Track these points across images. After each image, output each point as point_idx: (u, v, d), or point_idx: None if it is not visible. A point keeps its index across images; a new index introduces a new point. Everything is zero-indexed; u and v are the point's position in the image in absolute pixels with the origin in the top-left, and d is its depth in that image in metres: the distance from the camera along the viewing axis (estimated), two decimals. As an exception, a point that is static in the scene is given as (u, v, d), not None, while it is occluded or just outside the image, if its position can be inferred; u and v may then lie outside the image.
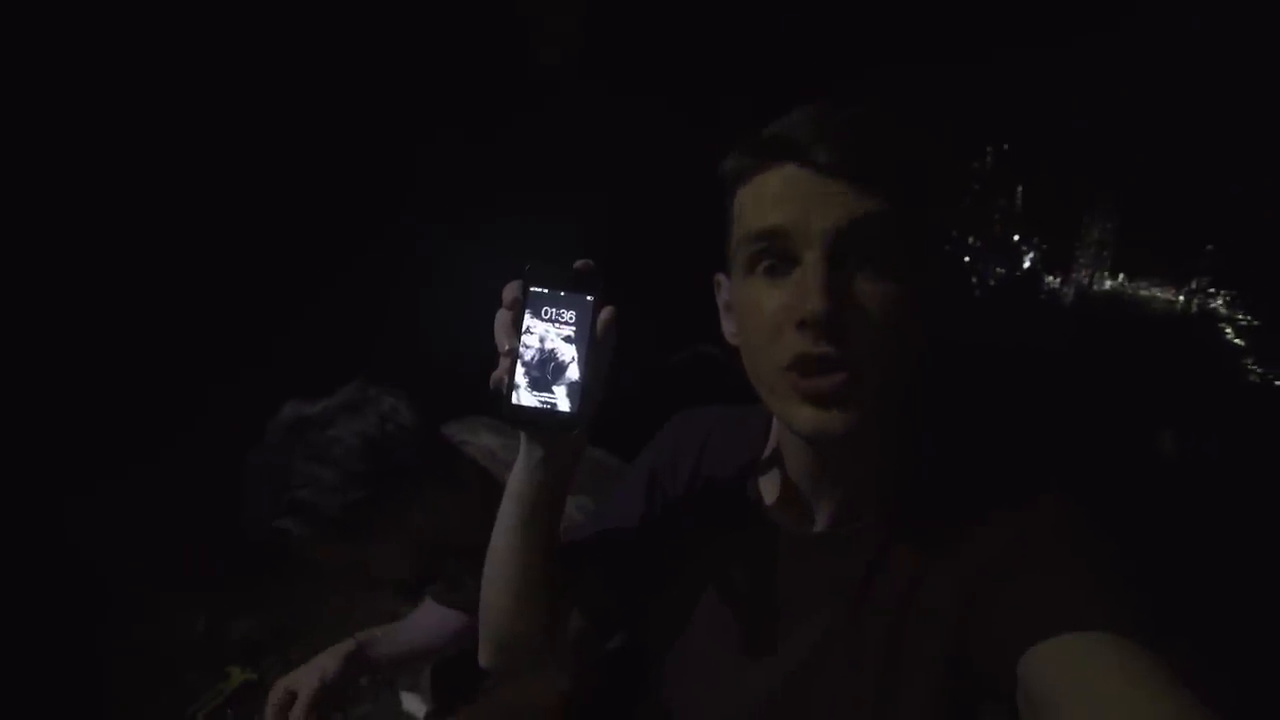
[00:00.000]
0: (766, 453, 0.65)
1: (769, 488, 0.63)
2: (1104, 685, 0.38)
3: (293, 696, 0.93)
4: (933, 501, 0.55)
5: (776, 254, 0.48)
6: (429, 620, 1.14)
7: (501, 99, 2.61)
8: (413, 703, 1.24)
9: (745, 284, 0.51)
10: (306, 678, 0.94)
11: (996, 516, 0.52)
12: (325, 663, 0.96)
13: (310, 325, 2.25)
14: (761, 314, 0.49)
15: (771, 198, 0.48)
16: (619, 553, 0.67)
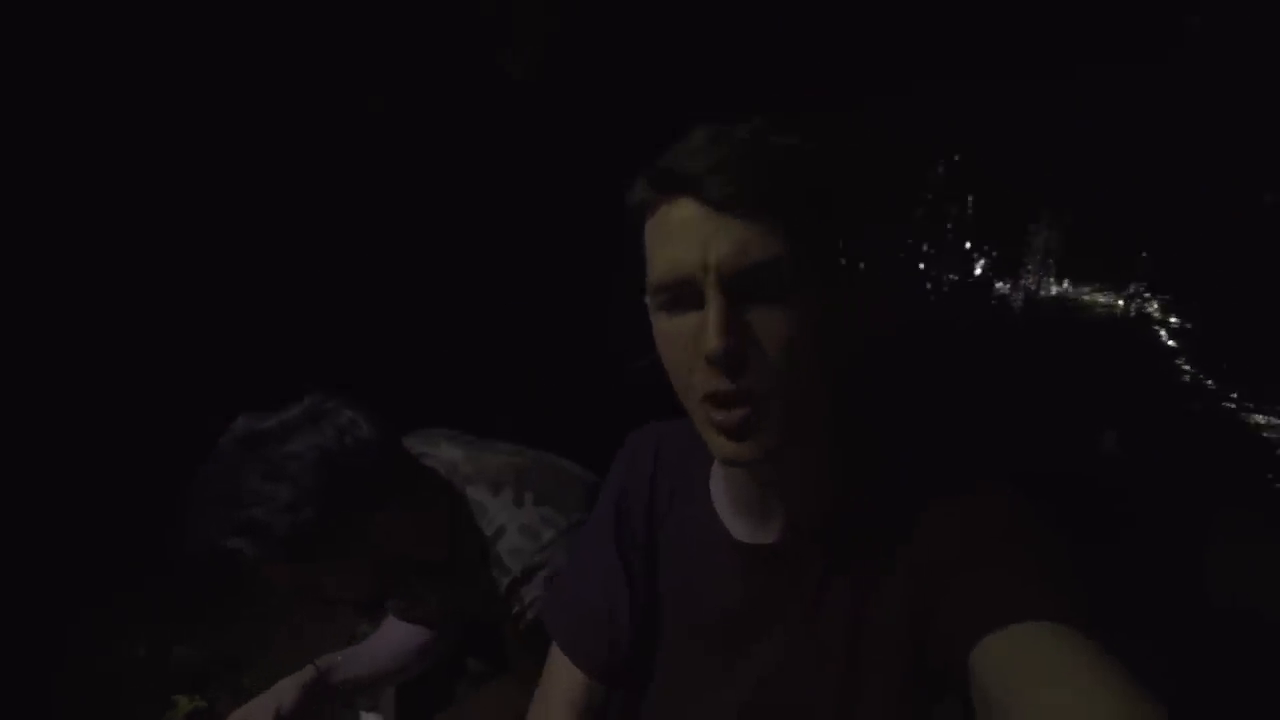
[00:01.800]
0: (715, 465, 0.66)
1: (722, 499, 0.64)
2: (1051, 673, 0.40)
3: None
4: (882, 508, 0.56)
5: (679, 292, 0.49)
6: (392, 638, 1.11)
7: (470, 107, 2.58)
8: (373, 723, 1.20)
9: (657, 318, 0.52)
10: (262, 711, 0.91)
11: (944, 515, 0.53)
12: (282, 694, 0.93)
13: (260, 338, 2.18)
14: (672, 349, 0.51)
15: (670, 236, 0.49)
16: (605, 597, 0.68)
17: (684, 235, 0.48)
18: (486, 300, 2.50)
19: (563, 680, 0.70)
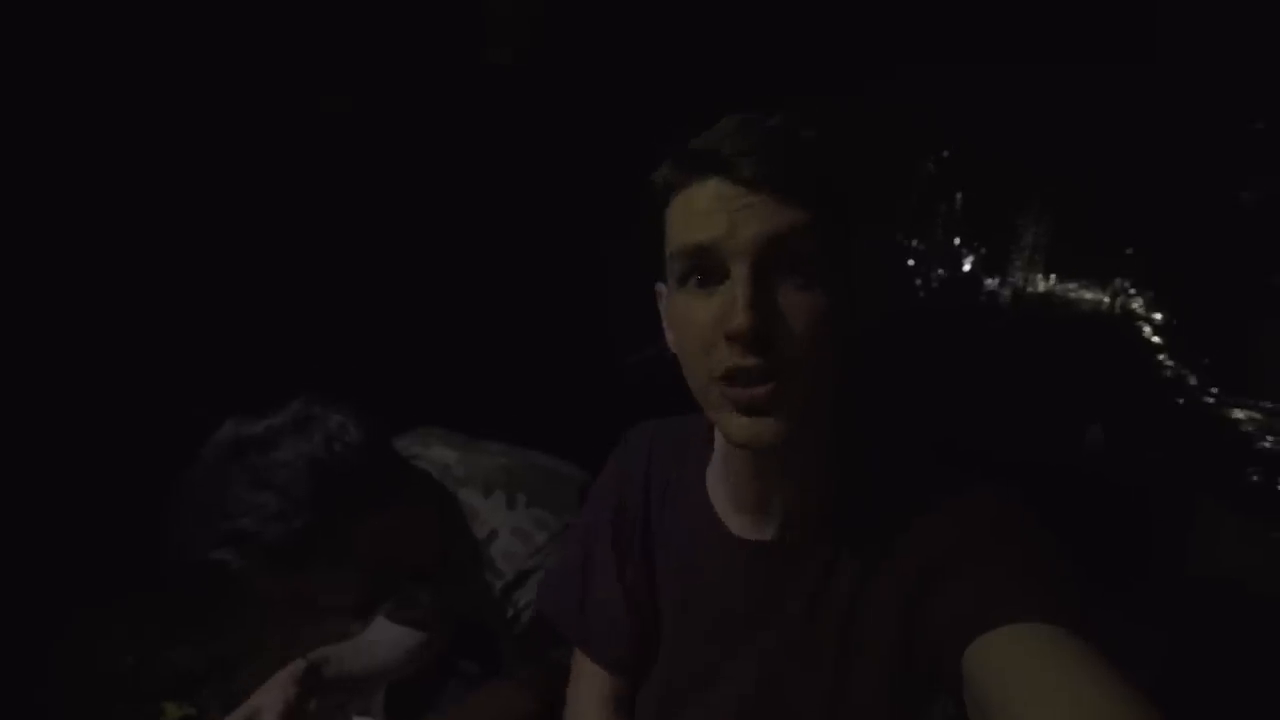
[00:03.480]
0: (712, 461, 0.66)
1: (719, 495, 0.64)
2: (1043, 674, 0.40)
3: None
4: (877, 506, 0.57)
5: (705, 268, 0.49)
6: (383, 639, 1.11)
7: (454, 97, 2.55)
8: (365, 727, 1.20)
9: (678, 296, 0.52)
10: (269, 703, 0.89)
11: (937, 518, 0.54)
12: (285, 685, 0.92)
13: (251, 335, 2.15)
14: (694, 326, 0.50)
15: (699, 212, 0.49)
16: (608, 592, 0.68)
17: (712, 211, 0.48)
18: (481, 296, 2.49)
19: (591, 678, 0.70)
